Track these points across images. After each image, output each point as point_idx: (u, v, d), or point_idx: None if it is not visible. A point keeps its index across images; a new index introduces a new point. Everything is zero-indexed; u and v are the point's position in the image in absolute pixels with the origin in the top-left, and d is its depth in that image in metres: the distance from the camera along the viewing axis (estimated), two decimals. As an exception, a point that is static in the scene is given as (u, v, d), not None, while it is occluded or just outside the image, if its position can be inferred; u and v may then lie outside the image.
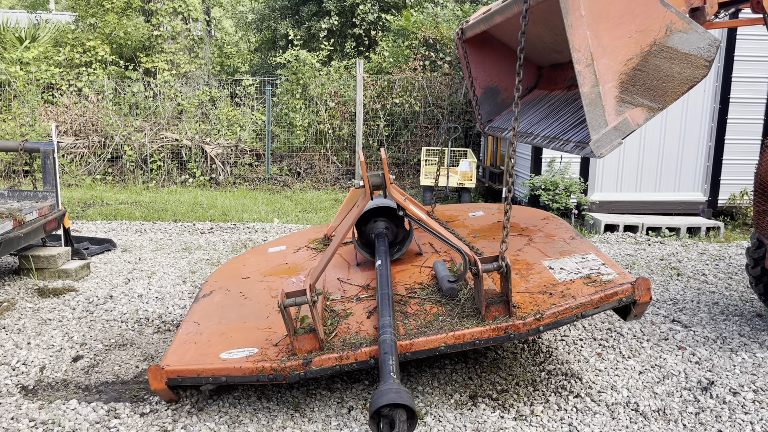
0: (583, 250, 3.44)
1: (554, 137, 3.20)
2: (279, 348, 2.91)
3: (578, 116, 3.17)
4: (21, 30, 13.24)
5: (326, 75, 11.64)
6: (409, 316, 3.03)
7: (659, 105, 2.66)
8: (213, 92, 12.04)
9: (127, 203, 8.63)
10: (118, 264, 5.57)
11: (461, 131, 10.87)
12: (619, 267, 3.10)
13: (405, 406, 2.26)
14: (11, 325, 4.02)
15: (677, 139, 7.42)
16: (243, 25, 19.44)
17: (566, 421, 2.87)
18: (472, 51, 4.09)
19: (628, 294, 2.86)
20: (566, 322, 2.81)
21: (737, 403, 3.07)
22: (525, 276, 3.22)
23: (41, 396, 3.12)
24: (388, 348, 2.62)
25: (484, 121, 4.25)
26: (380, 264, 3.37)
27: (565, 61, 3.70)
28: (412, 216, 3.43)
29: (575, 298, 2.85)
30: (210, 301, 3.69)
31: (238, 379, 2.81)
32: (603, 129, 2.59)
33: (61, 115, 10.78)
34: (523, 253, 3.61)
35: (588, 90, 2.57)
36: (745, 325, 4.15)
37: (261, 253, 4.54)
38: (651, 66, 2.61)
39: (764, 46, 7.18)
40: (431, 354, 2.80)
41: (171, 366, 2.85)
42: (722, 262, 5.78)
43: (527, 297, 2.96)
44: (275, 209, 8.38)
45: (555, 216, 4.33)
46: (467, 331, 2.79)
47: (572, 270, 3.18)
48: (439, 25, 12.03)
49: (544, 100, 3.80)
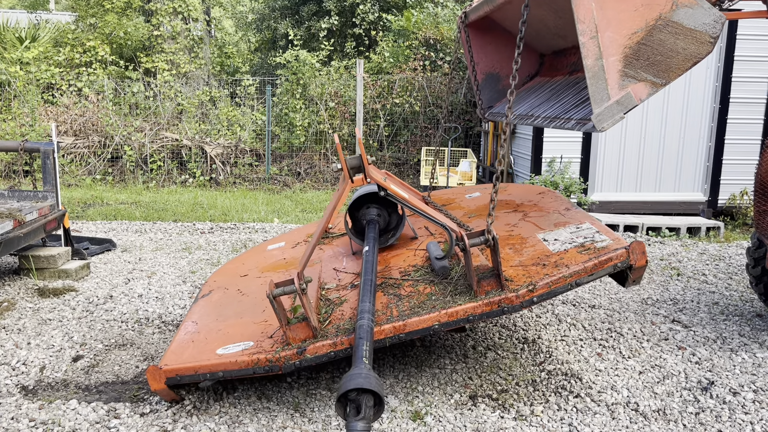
0: (578, 220, 3.39)
1: (555, 117, 3.18)
2: (274, 339, 2.90)
3: (580, 97, 3.14)
4: (21, 30, 13.24)
5: (326, 75, 11.64)
6: (402, 298, 3.01)
7: (663, 80, 2.63)
8: (213, 92, 12.04)
9: (127, 203, 8.63)
10: (118, 264, 5.57)
11: (461, 131, 10.87)
12: (615, 234, 3.04)
13: (373, 392, 2.25)
14: (11, 325, 4.02)
15: (677, 139, 7.42)
16: (243, 25, 19.44)
17: (566, 421, 2.87)
18: (474, 36, 4.08)
19: (622, 259, 2.82)
20: (560, 291, 2.79)
21: (737, 403, 3.07)
22: (519, 250, 3.18)
23: (41, 396, 3.12)
24: (363, 333, 2.60)
25: (485, 107, 4.24)
26: (367, 250, 3.33)
27: (568, 47, 3.68)
28: (395, 195, 3.38)
29: (569, 267, 2.82)
30: (208, 300, 3.69)
31: (235, 373, 2.80)
32: (605, 103, 2.57)
33: (61, 115, 10.78)
34: (518, 228, 3.57)
35: (591, 63, 2.55)
36: (745, 325, 4.15)
37: (260, 251, 4.55)
38: (656, 40, 2.59)
39: (764, 46, 7.18)
40: (425, 333, 2.78)
41: (169, 365, 2.85)
42: (722, 262, 5.78)
43: (520, 270, 2.93)
44: (275, 209, 8.38)
45: (551, 190, 4.27)
46: (460, 307, 2.77)
47: (566, 240, 3.14)
48: (440, 25, 12.03)
49: (545, 86, 3.79)
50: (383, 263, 3.55)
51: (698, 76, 7.26)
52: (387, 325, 2.77)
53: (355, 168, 3.35)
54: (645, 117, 7.32)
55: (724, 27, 2.95)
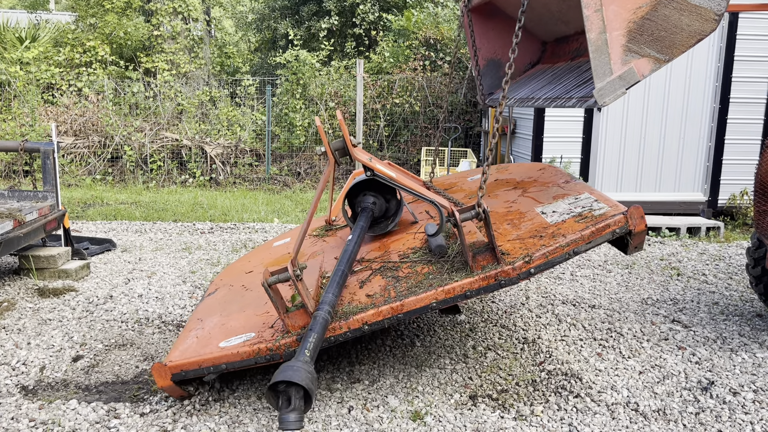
0: (577, 191, 3.35)
1: (556, 97, 3.16)
2: (275, 329, 2.90)
3: (582, 78, 3.12)
4: (21, 30, 13.24)
5: (326, 75, 11.63)
6: (400, 279, 2.99)
7: (666, 57, 2.60)
8: (213, 92, 12.03)
9: (127, 203, 8.63)
10: (118, 264, 5.57)
11: (461, 131, 10.87)
12: (613, 200, 3.00)
13: (301, 386, 2.27)
14: (11, 325, 4.02)
15: (677, 139, 7.42)
16: (243, 25, 19.42)
17: (566, 421, 2.87)
18: (477, 21, 4.07)
19: (621, 225, 2.77)
20: (558, 261, 2.75)
21: (737, 403, 3.07)
22: (516, 225, 3.15)
23: (41, 396, 3.12)
24: (315, 325, 2.61)
25: (485, 93, 4.23)
26: (350, 239, 3.31)
27: (571, 33, 3.67)
28: (381, 175, 3.37)
29: (565, 236, 2.78)
30: (214, 298, 3.72)
31: (237, 365, 2.81)
32: (608, 77, 2.55)
33: (61, 115, 10.77)
34: (516, 204, 3.54)
35: (595, 36, 2.53)
36: (745, 325, 4.15)
37: (266, 249, 4.57)
38: (660, 16, 2.56)
39: (764, 46, 7.18)
40: (423, 312, 2.77)
41: (173, 361, 2.86)
42: (722, 262, 5.78)
43: (518, 243, 2.90)
44: (275, 209, 8.38)
45: (552, 165, 4.23)
46: (456, 284, 2.75)
47: (564, 211, 3.10)
48: (439, 25, 12.03)
49: (547, 72, 3.78)
50: (383, 249, 3.54)
51: (698, 75, 7.25)
52: (384, 307, 2.76)
53: (340, 150, 3.33)
54: (645, 117, 7.32)
55: (723, 31, 2.93)
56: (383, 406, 3.01)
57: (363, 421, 2.87)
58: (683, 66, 7.19)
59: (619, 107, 7.26)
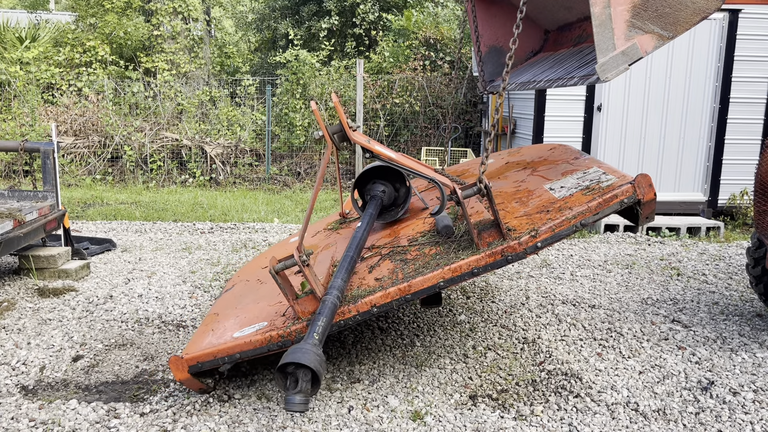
0: (586, 166, 3.32)
1: (558, 78, 3.15)
2: (286, 317, 2.92)
3: (584, 60, 3.11)
4: (21, 30, 13.23)
5: (326, 75, 11.63)
6: (408, 261, 3.00)
7: (670, 33, 2.59)
8: (213, 92, 12.03)
9: (127, 203, 8.63)
10: (118, 264, 5.57)
11: (461, 131, 10.87)
12: (621, 172, 2.95)
13: (310, 368, 2.28)
14: (11, 325, 4.02)
15: (677, 139, 7.42)
16: (243, 25, 19.42)
17: (566, 421, 2.87)
18: (480, 8, 4.07)
19: (629, 194, 2.72)
20: (565, 234, 2.72)
21: (737, 403, 3.07)
22: (525, 202, 3.13)
23: (41, 396, 3.12)
24: (324, 309, 2.61)
25: (486, 80, 4.23)
26: (359, 226, 3.32)
27: (573, 20, 3.66)
28: (379, 155, 3.37)
29: (572, 209, 2.75)
30: (231, 293, 3.78)
31: (251, 353, 2.83)
32: (611, 52, 2.53)
33: (61, 115, 10.77)
34: (525, 183, 3.53)
35: (599, 10, 2.51)
36: (745, 325, 4.15)
37: (283, 245, 4.65)
38: None
39: (764, 46, 7.18)
40: (431, 291, 2.76)
41: (190, 354, 2.89)
42: (722, 262, 5.78)
43: (524, 219, 2.88)
44: (275, 209, 8.38)
45: (563, 144, 4.20)
46: (463, 262, 2.73)
47: (572, 186, 3.07)
48: (439, 25, 12.03)
49: (549, 58, 3.78)
50: (393, 235, 3.55)
51: (698, 75, 7.26)
52: (392, 288, 2.76)
53: (337, 133, 3.32)
54: (645, 116, 7.32)
55: (723, 31, 2.93)
56: (383, 406, 3.01)
57: (363, 421, 2.87)
58: (683, 66, 7.19)
59: (619, 107, 7.27)
